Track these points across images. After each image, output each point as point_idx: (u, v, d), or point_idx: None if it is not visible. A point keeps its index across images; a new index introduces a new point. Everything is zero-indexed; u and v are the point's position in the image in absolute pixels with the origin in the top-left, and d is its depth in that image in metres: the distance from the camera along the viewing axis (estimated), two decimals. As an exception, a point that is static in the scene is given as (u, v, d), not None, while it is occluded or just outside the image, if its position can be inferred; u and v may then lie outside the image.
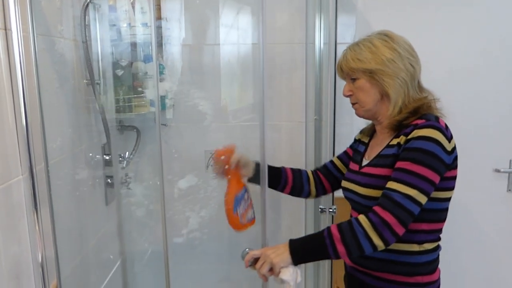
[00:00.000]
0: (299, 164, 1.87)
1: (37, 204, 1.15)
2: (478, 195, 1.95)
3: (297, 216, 1.96)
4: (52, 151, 1.26)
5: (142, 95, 1.75)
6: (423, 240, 1.16)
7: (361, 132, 1.39)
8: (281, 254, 1.09)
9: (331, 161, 1.45)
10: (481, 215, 1.98)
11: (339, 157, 1.44)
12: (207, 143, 1.92)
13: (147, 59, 1.73)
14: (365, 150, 1.31)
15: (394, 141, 1.16)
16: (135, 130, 1.86)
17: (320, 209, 1.55)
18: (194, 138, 1.91)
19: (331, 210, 1.54)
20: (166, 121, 1.88)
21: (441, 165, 1.07)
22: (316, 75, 1.77)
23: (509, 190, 1.95)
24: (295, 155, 1.91)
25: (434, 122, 1.10)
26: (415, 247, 1.16)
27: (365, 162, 1.26)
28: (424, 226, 1.15)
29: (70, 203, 1.45)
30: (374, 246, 1.04)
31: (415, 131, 1.09)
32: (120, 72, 1.71)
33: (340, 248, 1.05)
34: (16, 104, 1.09)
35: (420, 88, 1.21)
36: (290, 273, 1.08)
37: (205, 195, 1.94)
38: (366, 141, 1.33)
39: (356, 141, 1.40)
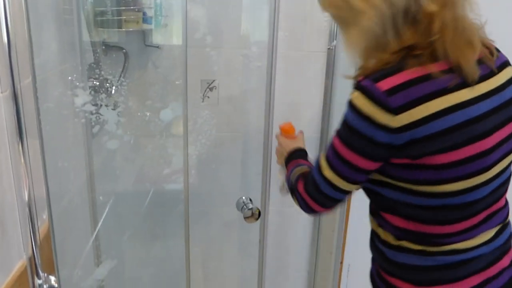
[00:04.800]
0: (312, 102, 1.69)
1: (22, 130, 0.90)
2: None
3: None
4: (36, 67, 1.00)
5: (133, 7, 1.46)
6: (400, 236, 0.88)
7: None
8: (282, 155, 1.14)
9: None
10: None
11: None
12: (204, 71, 1.67)
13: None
14: None
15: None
16: (123, 51, 1.58)
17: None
18: (190, 65, 1.67)
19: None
20: (157, 43, 1.61)
21: (366, 145, 0.78)
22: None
23: None
24: (306, 93, 1.71)
25: (367, 80, 0.76)
26: (390, 239, 0.89)
27: None
28: (400, 222, 0.86)
29: (56, 131, 1.20)
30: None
31: None
32: (107, -23, 1.40)
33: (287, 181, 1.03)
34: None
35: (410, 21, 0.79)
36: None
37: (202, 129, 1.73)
38: None
39: None
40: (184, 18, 1.18)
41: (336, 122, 0.90)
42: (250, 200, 1.47)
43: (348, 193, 0.88)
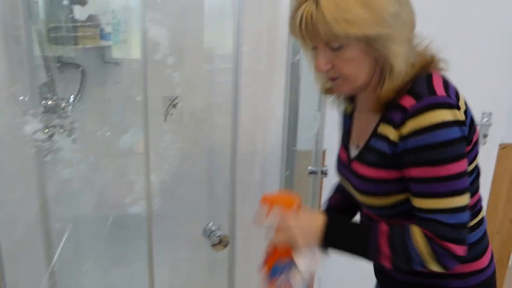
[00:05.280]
0: (274, 115, 1.66)
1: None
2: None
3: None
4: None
5: (90, 23, 1.40)
6: None
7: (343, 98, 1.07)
8: (309, 235, 0.88)
9: None
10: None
11: None
12: (166, 88, 1.62)
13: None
14: (350, 126, 1.03)
15: (382, 129, 0.88)
16: (80, 68, 1.50)
17: (309, 171, 1.37)
18: (150, 81, 1.61)
19: (324, 170, 1.35)
20: (117, 59, 1.55)
21: (461, 146, 0.81)
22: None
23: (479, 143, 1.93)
24: (268, 105, 1.68)
25: (429, 97, 0.80)
26: None
27: (352, 150, 1.00)
28: None
29: (5, 160, 1.12)
30: (431, 270, 0.86)
31: (409, 122, 0.80)
32: (61, -9, 1.33)
33: (387, 264, 0.86)
34: None
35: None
36: (306, 263, 0.89)
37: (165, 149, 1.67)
38: (349, 110, 1.05)
39: (345, 115, 1.09)
40: (143, 33, 1.13)
41: (301, 136, 0.88)
42: (218, 226, 1.41)
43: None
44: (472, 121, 0.88)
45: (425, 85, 0.83)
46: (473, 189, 0.94)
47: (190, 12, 1.55)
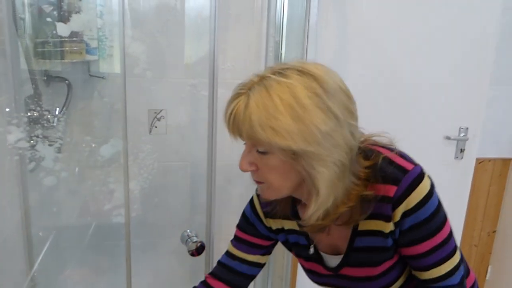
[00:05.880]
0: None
1: None
2: (429, 161, 1.95)
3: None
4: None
5: (76, 38, 1.44)
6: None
7: (270, 214, 0.95)
8: None
9: (230, 255, 1.03)
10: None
11: (239, 248, 1.02)
12: (151, 101, 1.67)
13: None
14: (309, 240, 0.93)
15: (367, 226, 0.84)
16: (66, 82, 1.55)
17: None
18: (136, 95, 1.65)
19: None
20: (103, 73, 1.60)
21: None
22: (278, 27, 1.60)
23: (456, 157, 1.98)
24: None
25: (404, 176, 0.78)
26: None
27: (330, 259, 0.92)
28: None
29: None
30: None
31: (401, 206, 0.79)
32: (48, 8, 1.38)
33: None
34: None
35: (360, 152, 0.81)
36: None
37: (148, 161, 1.71)
38: (297, 227, 0.93)
39: (276, 230, 0.97)
40: (122, 48, 1.18)
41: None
42: (195, 233, 1.44)
43: None
44: None
45: (393, 168, 0.80)
46: None
47: (172, 29, 1.60)
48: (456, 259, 0.83)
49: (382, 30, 1.36)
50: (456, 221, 2.08)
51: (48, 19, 1.33)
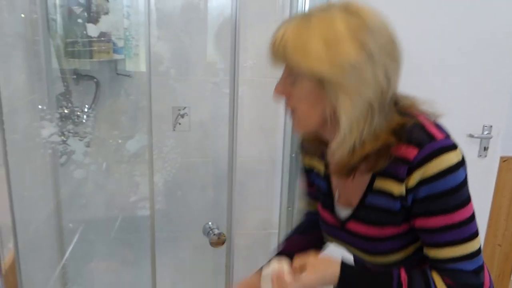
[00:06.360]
0: (277, 127, 1.74)
1: (-12, 161, 0.92)
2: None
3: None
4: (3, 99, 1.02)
5: (104, 38, 1.50)
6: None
7: (304, 149, 1.00)
8: (324, 284, 0.83)
9: (310, 213, 1.09)
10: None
11: (309, 202, 1.08)
12: (175, 98, 1.72)
13: (112, -5, 1.47)
14: (329, 186, 0.96)
15: (381, 184, 0.83)
16: (94, 80, 1.61)
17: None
18: (160, 93, 1.71)
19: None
20: (129, 72, 1.66)
21: (468, 186, 0.81)
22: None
23: (480, 155, 1.96)
24: (272, 117, 1.76)
25: (432, 143, 0.76)
26: None
27: (342, 211, 0.93)
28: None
29: (22, 161, 1.22)
30: None
31: (416, 173, 0.77)
32: (78, 10, 1.44)
33: None
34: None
35: (394, 108, 0.81)
36: None
37: (172, 155, 1.76)
38: (322, 171, 0.96)
39: (308, 170, 1.02)
40: (147, 47, 1.23)
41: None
42: (217, 226, 1.49)
43: None
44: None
45: (422, 132, 0.78)
46: None
47: (195, 28, 1.65)
48: (474, 245, 0.79)
49: (404, 22, 1.36)
50: (480, 220, 2.04)
51: (79, 20, 1.39)
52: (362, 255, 0.91)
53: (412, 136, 0.78)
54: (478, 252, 0.80)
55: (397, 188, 0.80)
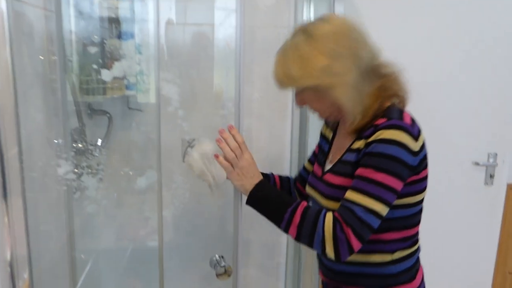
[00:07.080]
0: (283, 158, 1.79)
1: (7, 193, 0.98)
2: (458, 187, 1.96)
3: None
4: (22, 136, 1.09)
5: (117, 76, 1.58)
6: (394, 249, 1.06)
7: (326, 123, 1.25)
8: (244, 184, 1.09)
9: (304, 168, 1.32)
10: (459, 207, 1.99)
11: (310, 161, 1.31)
12: (184, 130, 1.78)
13: (124, 36, 1.56)
14: (329, 149, 1.18)
15: (355, 145, 1.03)
16: (107, 115, 1.68)
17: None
18: (169, 125, 1.77)
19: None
20: (140, 106, 1.73)
21: (405, 170, 0.96)
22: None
23: (486, 183, 1.97)
24: (278, 148, 1.81)
25: (397, 120, 0.96)
26: (387, 257, 1.06)
27: (327, 166, 1.14)
28: (395, 235, 1.05)
29: (38, 194, 1.28)
30: (324, 253, 0.96)
31: (377, 133, 0.96)
32: (93, 49, 1.53)
33: (292, 231, 1.00)
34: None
35: (375, 72, 1.03)
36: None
37: (180, 190, 1.81)
38: (330, 137, 1.20)
39: (321, 136, 1.26)
40: (157, 81, 1.29)
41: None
42: (222, 257, 1.52)
43: (383, 219, 0.98)
44: (424, 158, 1.02)
45: (397, 113, 0.99)
46: (416, 221, 1.09)
47: (202, 62, 1.72)
48: (374, 205, 0.93)
49: (406, 49, 1.39)
50: (489, 248, 2.05)
51: (94, 66, 1.49)
52: (322, 200, 1.08)
53: (388, 112, 0.99)
54: (376, 214, 0.94)
55: (361, 144, 1.00)
